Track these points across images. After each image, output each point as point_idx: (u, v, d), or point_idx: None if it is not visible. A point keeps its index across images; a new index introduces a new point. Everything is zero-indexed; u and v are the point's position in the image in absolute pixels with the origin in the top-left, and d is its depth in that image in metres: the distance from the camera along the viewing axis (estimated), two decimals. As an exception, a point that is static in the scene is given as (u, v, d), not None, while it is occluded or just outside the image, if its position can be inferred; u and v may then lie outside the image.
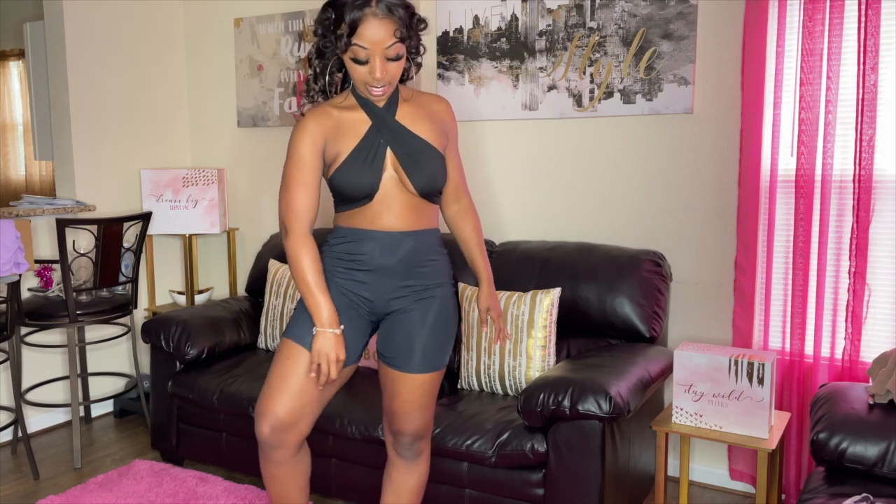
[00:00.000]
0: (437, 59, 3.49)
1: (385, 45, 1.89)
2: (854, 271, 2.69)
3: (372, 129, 2.02)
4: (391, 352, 2.09)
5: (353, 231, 2.06)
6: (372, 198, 2.01)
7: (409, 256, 2.05)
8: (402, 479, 2.24)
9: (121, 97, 3.97)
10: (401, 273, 2.05)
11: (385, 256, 2.04)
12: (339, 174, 2.00)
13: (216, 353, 3.29)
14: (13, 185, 6.89)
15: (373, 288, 2.06)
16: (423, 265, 2.08)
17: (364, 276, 2.06)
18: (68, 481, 3.20)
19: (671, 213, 3.09)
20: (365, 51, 1.89)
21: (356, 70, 1.93)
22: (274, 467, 2.10)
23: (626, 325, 2.89)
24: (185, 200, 3.93)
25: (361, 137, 2.01)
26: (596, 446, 2.42)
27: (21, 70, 6.60)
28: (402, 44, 1.92)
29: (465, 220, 2.24)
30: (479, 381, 2.94)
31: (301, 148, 1.98)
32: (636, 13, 3.04)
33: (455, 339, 2.19)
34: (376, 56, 1.89)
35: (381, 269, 2.04)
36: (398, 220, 2.03)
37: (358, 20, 1.86)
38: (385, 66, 1.91)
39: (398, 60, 1.94)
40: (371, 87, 1.94)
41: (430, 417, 2.18)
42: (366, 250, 2.04)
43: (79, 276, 3.50)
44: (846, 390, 2.36)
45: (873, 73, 2.60)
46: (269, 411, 2.02)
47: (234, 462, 3.11)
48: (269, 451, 2.07)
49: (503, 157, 3.41)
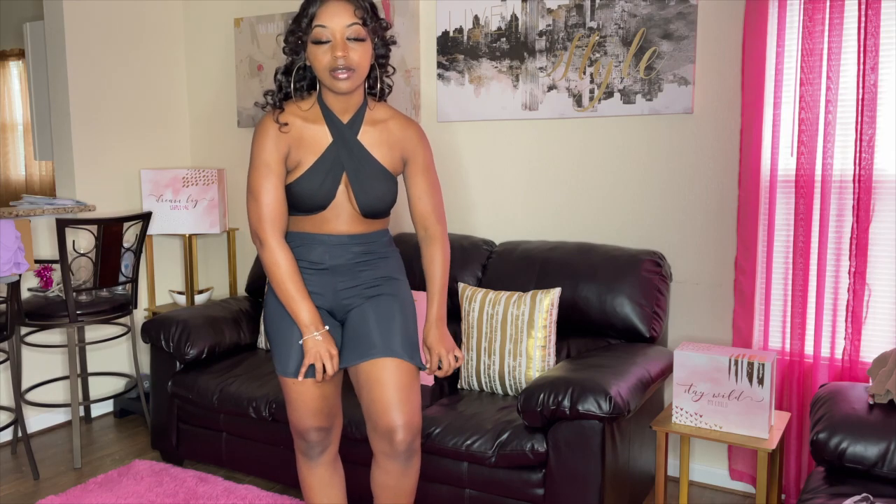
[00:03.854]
0: (437, 59, 3.49)
1: (345, 24, 1.93)
2: (854, 271, 2.69)
3: (332, 146, 2.04)
4: (352, 348, 2.07)
5: (302, 235, 2.09)
6: (324, 209, 2.05)
7: (357, 257, 2.10)
8: (399, 482, 2.14)
9: (121, 97, 3.97)
10: (349, 272, 2.10)
11: (334, 258, 2.09)
12: (297, 185, 2.03)
13: (216, 353, 3.29)
14: (13, 185, 6.89)
15: (326, 288, 2.10)
16: (371, 264, 2.12)
17: (317, 277, 2.09)
18: (68, 481, 3.20)
19: (671, 213, 3.09)
20: (325, 30, 1.93)
21: (318, 57, 1.95)
22: (323, 469, 2.22)
23: (626, 325, 2.89)
24: (185, 200, 3.93)
25: (323, 151, 2.03)
26: (596, 446, 2.42)
27: (21, 70, 6.60)
28: (363, 28, 1.94)
29: (433, 252, 2.18)
30: (479, 381, 2.94)
31: (265, 155, 2.00)
32: (636, 13, 3.04)
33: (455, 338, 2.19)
34: (337, 34, 1.92)
35: (332, 269, 2.09)
36: (347, 226, 2.08)
37: (319, 4, 1.95)
38: (346, 46, 1.93)
39: (361, 43, 1.95)
40: (335, 72, 1.94)
41: (417, 406, 2.10)
42: (315, 253, 2.08)
43: (79, 276, 3.50)
44: (846, 390, 2.36)
45: (873, 73, 2.60)
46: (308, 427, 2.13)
47: (234, 462, 3.11)
48: (318, 454, 2.19)
49: (503, 157, 3.41)
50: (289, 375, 2.07)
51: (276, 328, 2.10)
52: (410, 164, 2.13)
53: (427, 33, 3.51)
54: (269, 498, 2.93)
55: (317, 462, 2.21)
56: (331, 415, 2.16)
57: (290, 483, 2.98)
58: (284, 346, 2.07)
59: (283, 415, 2.87)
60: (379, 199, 2.07)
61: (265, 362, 3.27)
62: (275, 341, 2.11)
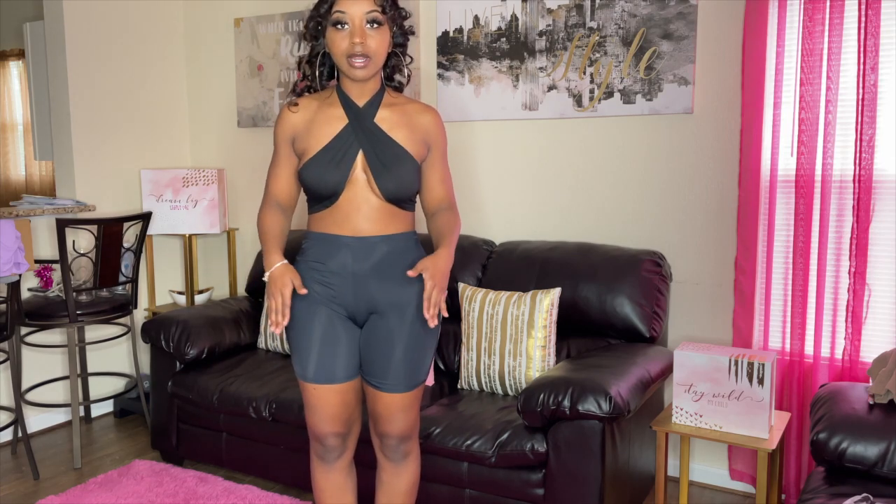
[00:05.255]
0: (437, 59, 3.49)
1: (364, 10, 1.94)
2: (854, 271, 2.69)
3: (347, 128, 2.03)
4: (369, 370, 2.09)
5: (324, 236, 2.06)
6: (338, 197, 2.01)
7: (383, 260, 2.03)
8: (392, 480, 2.22)
9: (121, 97, 3.97)
10: (375, 278, 2.04)
11: (358, 263, 2.03)
12: (305, 169, 2.03)
13: (216, 353, 3.29)
14: (13, 185, 6.89)
15: (349, 293, 2.05)
16: (399, 267, 2.04)
17: (340, 282, 2.04)
18: (68, 481, 3.20)
19: (671, 213, 3.09)
20: (344, 14, 1.94)
21: (337, 43, 1.96)
22: (338, 474, 2.19)
23: (626, 325, 2.89)
24: (185, 200, 3.93)
25: (334, 135, 2.02)
26: (596, 446, 2.42)
27: (21, 70, 6.60)
28: (382, 14, 1.95)
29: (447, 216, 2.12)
30: (479, 381, 2.94)
31: (277, 139, 2.11)
32: (636, 13, 3.04)
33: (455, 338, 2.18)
34: (356, 20, 1.94)
35: (354, 275, 2.03)
36: (370, 223, 2.02)
37: None
38: (364, 31, 1.94)
39: (379, 30, 1.95)
40: (352, 58, 1.95)
41: (415, 419, 2.16)
42: (338, 258, 2.03)
43: (79, 276, 3.50)
44: (846, 390, 2.36)
45: (873, 73, 2.60)
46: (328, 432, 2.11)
47: (234, 462, 3.11)
48: (335, 459, 2.17)
49: (503, 157, 3.41)
50: (308, 380, 2.06)
51: (296, 332, 2.07)
52: (432, 151, 2.12)
53: (427, 33, 3.51)
54: (269, 498, 2.93)
55: (332, 467, 2.19)
56: (349, 421, 2.13)
57: (290, 483, 2.99)
58: (305, 350, 2.05)
59: (283, 415, 2.87)
60: (400, 179, 2.01)
61: (265, 362, 3.27)
62: (295, 345, 2.08)
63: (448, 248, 2.04)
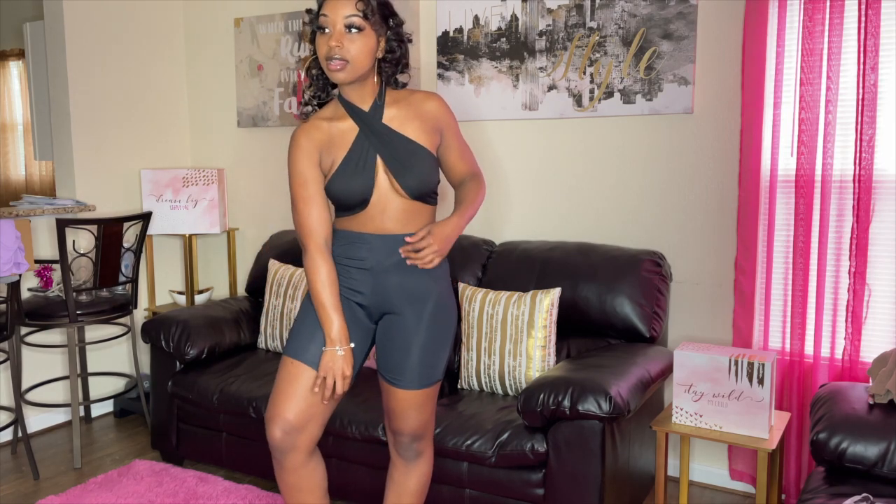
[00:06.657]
0: (437, 59, 3.49)
1: (344, 14, 1.94)
2: (854, 271, 2.69)
3: (360, 135, 2.03)
4: (385, 365, 2.11)
5: (349, 234, 2.08)
6: (367, 203, 2.03)
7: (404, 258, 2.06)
8: (403, 479, 2.24)
9: (121, 97, 3.97)
10: (396, 273, 2.06)
11: (380, 258, 2.05)
12: (332, 184, 2.03)
13: (216, 353, 3.29)
14: (13, 185, 6.89)
15: (368, 287, 2.07)
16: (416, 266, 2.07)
17: (360, 275, 2.07)
18: (68, 481, 3.20)
19: (671, 213, 3.09)
20: (325, 18, 1.95)
21: (319, 46, 1.98)
22: (289, 475, 2.11)
23: (626, 325, 2.89)
24: (185, 200, 3.93)
25: (350, 147, 2.03)
26: (596, 446, 2.42)
27: (21, 70, 6.60)
28: (363, 20, 1.95)
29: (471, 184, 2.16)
30: (479, 381, 2.94)
31: (299, 166, 2.02)
32: (636, 13, 3.04)
33: (455, 338, 2.18)
34: (337, 24, 1.94)
35: (375, 269, 2.06)
36: (394, 223, 2.04)
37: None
38: (342, 35, 1.94)
39: (359, 34, 1.95)
40: (329, 62, 1.95)
41: (429, 418, 2.18)
42: (362, 253, 2.06)
43: (79, 276, 3.50)
44: (846, 390, 2.36)
45: (873, 73, 2.60)
46: (278, 415, 2.04)
47: (234, 462, 3.11)
48: (282, 457, 2.08)
49: (503, 157, 3.41)
50: (291, 355, 2.05)
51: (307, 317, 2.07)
52: (445, 134, 2.12)
53: (427, 33, 3.51)
54: (268, 498, 2.93)
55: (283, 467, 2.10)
56: (307, 416, 2.04)
57: (290, 483, 2.98)
58: (310, 332, 2.05)
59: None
60: (420, 175, 2.02)
61: (265, 362, 3.27)
62: (301, 323, 2.08)
63: (459, 216, 2.08)
